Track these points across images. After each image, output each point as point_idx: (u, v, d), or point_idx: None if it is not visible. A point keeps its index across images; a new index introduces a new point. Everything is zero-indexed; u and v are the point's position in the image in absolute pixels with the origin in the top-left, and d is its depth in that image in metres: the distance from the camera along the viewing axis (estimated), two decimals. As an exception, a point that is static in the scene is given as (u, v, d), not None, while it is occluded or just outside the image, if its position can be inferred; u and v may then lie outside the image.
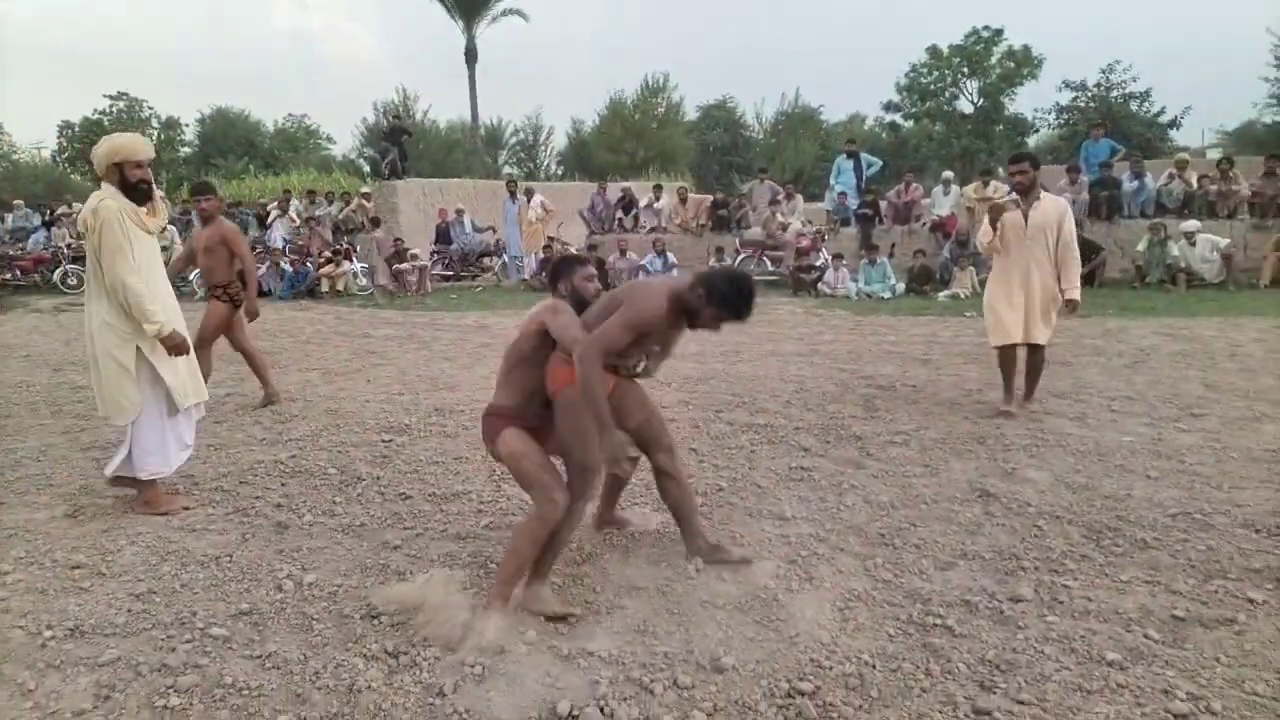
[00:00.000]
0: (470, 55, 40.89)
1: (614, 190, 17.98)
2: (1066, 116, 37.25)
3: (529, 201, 15.88)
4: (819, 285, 13.25)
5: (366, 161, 39.64)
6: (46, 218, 18.96)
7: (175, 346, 4.25)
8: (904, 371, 7.38)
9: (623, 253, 14.92)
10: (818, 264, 13.62)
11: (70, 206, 19.85)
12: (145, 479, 4.28)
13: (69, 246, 17.36)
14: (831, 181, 16.27)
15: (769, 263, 14.65)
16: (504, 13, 41.21)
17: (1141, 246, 12.89)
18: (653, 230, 16.40)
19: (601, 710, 2.55)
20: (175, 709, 2.59)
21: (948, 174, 15.87)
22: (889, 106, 41.71)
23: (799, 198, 16.29)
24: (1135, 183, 14.10)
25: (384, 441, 5.51)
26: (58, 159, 41.10)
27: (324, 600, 3.29)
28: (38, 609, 3.23)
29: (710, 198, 17.79)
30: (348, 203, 18.04)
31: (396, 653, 2.88)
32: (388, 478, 4.79)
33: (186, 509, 4.34)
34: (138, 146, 4.27)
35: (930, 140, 40.24)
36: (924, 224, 14.91)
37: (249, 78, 73.40)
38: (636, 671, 2.75)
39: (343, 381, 7.60)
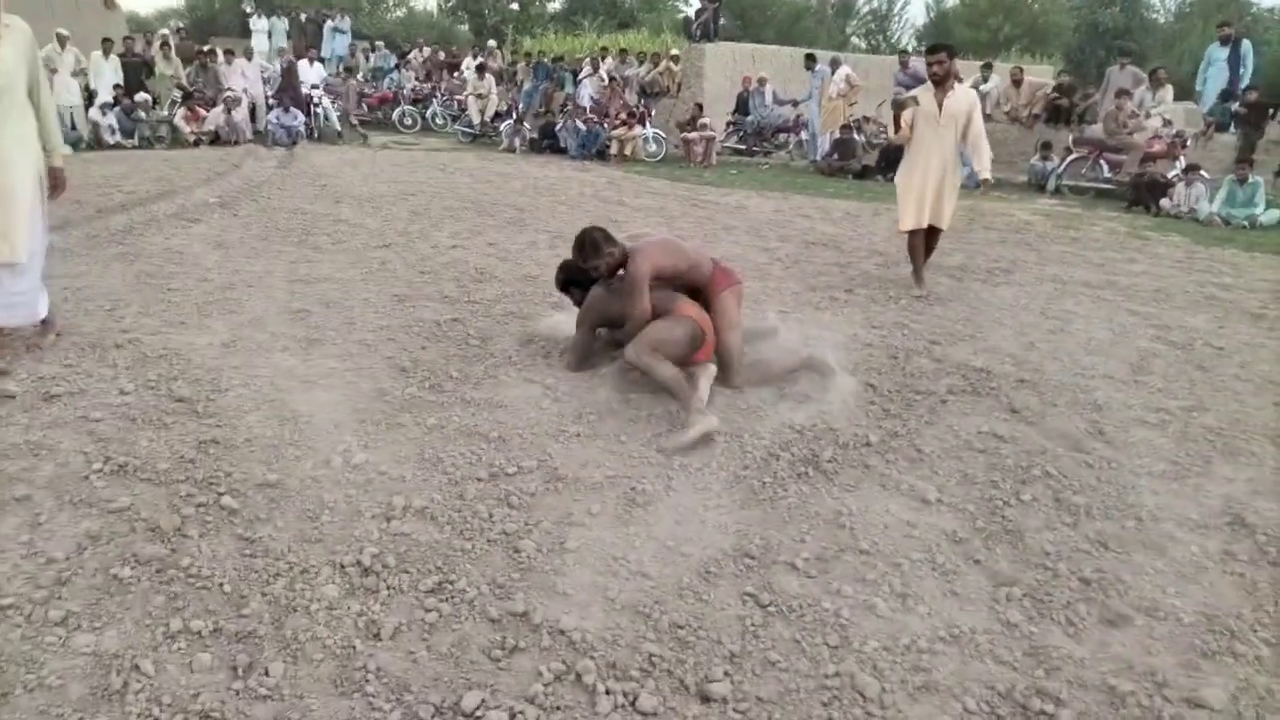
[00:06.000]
0: (830, -89, 38.20)
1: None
2: None
3: (833, 74, 14.40)
4: (1161, 201, 10.78)
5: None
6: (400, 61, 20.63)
7: None
8: (1220, 326, 5.68)
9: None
10: (1169, 175, 11.09)
11: (421, 50, 21.46)
12: None
13: (411, 89, 18.82)
14: (1200, 74, 13.12)
15: (1105, 167, 12.21)
16: None
17: None
18: (974, 117, 14.34)
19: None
20: (124, 580, 2.45)
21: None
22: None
23: (1168, 89, 13.20)
24: None
25: (549, 315, 5.20)
26: (443, 8, 45.00)
27: (355, 488, 3.03)
28: (114, 439, 3.28)
29: (1052, 82, 15.14)
30: (657, 64, 17.68)
31: (368, 570, 2.55)
32: (522, 359, 4.46)
33: None
34: None
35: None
36: (1337, 137, 11.58)
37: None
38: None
39: (565, 250, 7.34)
